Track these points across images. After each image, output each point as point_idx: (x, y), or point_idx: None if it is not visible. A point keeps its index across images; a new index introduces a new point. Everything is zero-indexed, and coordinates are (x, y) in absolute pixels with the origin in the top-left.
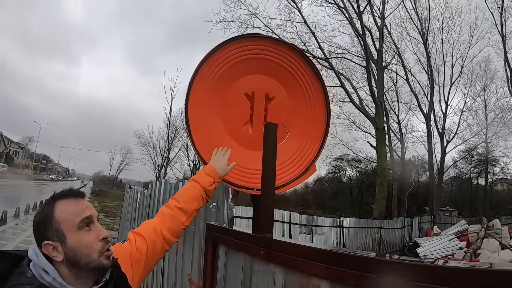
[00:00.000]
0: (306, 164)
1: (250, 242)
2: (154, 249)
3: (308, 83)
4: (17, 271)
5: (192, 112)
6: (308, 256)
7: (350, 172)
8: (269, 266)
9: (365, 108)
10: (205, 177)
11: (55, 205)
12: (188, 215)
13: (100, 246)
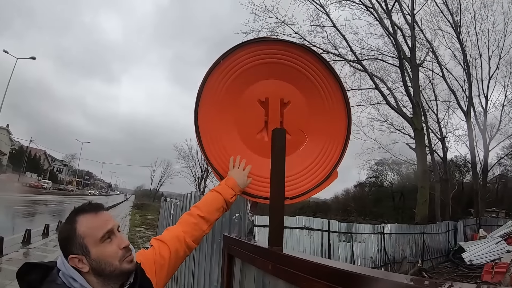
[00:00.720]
0: (327, 170)
1: (259, 255)
2: (176, 255)
3: (324, 83)
4: (48, 279)
5: (202, 124)
6: (310, 272)
7: (391, 176)
8: (277, 281)
9: (402, 109)
10: (227, 189)
11: (77, 220)
12: (210, 224)
13: (121, 255)
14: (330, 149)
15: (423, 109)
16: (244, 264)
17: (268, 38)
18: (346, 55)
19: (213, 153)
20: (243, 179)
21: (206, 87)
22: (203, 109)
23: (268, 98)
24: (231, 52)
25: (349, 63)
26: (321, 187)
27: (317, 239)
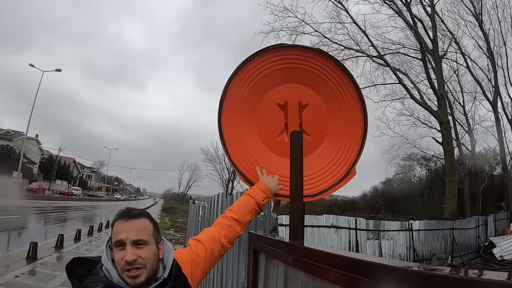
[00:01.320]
0: (346, 168)
1: (281, 249)
2: (211, 254)
3: (340, 85)
4: (92, 272)
5: (226, 129)
6: (326, 262)
7: (419, 172)
8: (298, 272)
9: (427, 103)
10: (259, 192)
11: (115, 220)
12: (243, 226)
13: (121, 265)
14: (348, 148)
15: (448, 102)
16: (268, 259)
17: (285, 44)
18: (367, 50)
19: (237, 156)
20: (274, 184)
21: (228, 94)
22: (226, 114)
23: (287, 102)
24: (250, 59)
25: (371, 58)
26: (340, 184)
27: (345, 237)
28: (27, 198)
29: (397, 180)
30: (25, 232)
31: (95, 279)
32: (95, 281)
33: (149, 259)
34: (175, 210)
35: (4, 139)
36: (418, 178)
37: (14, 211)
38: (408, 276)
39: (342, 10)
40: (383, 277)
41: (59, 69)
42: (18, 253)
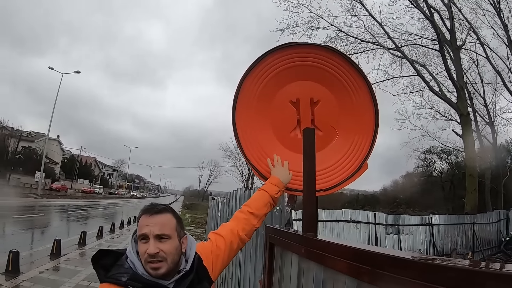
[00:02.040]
0: (358, 162)
1: (294, 241)
2: (231, 247)
3: (350, 80)
4: (118, 264)
5: (240, 126)
6: (334, 252)
7: (440, 165)
8: (310, 263)
9: (446, 94)
10: (272, 187)
11: (140, 215)
12: (259, 219)
13: (145, 258)
14: (360, 143)
15: (468, 93)
16: (283, 251)
17: (295, 43)
18: (384, 42)
19: (251, 151)
20: (285, 175)
21: (242, 92)
22: (240, 112)
23: (299, 99)
24: (262, 58)
25: (388, 50)
26: (352, 178)
27: (364, 232)
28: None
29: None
30: (49, 230)
31: (121, 270)
32: (121, 272)
33: (171, 253)
34: (196, 207)
35: (26, 140)
36: (439, 171)
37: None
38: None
39: (357, 3)
40: (383, 266)
41: (78, 71)
42: (42, 250)
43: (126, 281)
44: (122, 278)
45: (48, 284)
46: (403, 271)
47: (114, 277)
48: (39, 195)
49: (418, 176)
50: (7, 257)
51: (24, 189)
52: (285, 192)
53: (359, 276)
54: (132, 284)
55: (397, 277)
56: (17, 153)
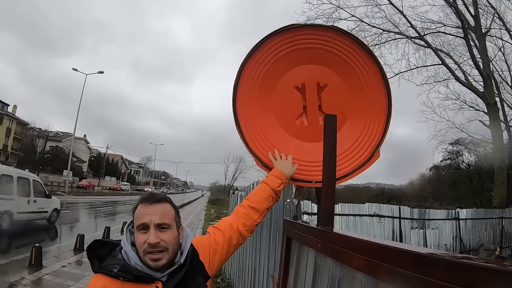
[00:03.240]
0: (370, 150)
1: (311, 234)
2: (230, 242)
3: (359, 62)
4: (112, 254)
5: (241, 113)
6: (349, 247)
7: (468, 158)
8: (326, 259)
9: (472, 83)
10: (274, 179)
11: (137, 205)
12: (260, 213)
13: (144, 248)
14: (372, 129)
15: (495, 82)
16: (300, 246)
17: (298, 24)
18: (406, 32)
19: (254, 141)
20: (288, 167)
21: (242, 78)
22: (241, 100)
23: (305, 83)
24: (262, 42)
25: (411, 40)
26: (364, 167)
27: (388, 227)
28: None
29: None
30: (75, 226)
31: (114, 261)
32: (113, 263)
33: (171, 243)
34: (221, 202)
35: (54, 140)
36: (467, 164)
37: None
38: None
39: None
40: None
41: (101, 71)
42: (67, 245)
43: (117, 272)
44: (113, 269)
45: (69, 277)
46: (427, 271)
47: (107, 268)
48: (67, 193)
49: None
50: (30, 252)
51: (52, 187)
52: (291, 183)
53: (377, 274)
54: (122, 275)
55: (421, 277)
56: (45, 152)
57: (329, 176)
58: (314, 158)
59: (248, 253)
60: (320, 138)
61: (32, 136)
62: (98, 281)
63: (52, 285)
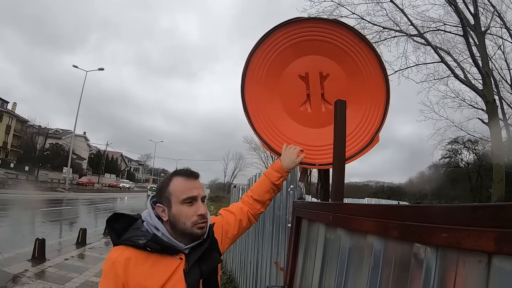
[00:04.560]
0: (370, 135)
1: (322, 210)
2: (240, 224)
3: (359, 53)
4: (132, 227)
5: (249, 100)
6: (359, 212)
7: (466, 156)
8: (336, 231)
9: (471, 81)
10: (273, 173)
11: (172, 179)
12: (262, 204)
13: (194, 220)
14: (372, 115)
15: (494, 80)
16: (310, 223)
17: (301, 18)
18: (407, 30)
19: (261, 126)
20: (290, 159)
21: (250, 67)
22: (249, 87)
23: (308, 73)
24: (270, 33)
25: (411, 37)
26: (364, 151)
27: None
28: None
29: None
30: (76, 222)
31: (138, 233)
32: (138, 235)
33: (208, 214)
34: (221, 199)
35: (53, 137)
36: (465, 162)
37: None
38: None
39: None
40: (413, 217)
41: (101, 68)
42: (69, 239)
43: (147, 242)
44: (139, 241)
45: (72, 270)
46: (429, 219)
47: (131, 239)
48: (67, 189)
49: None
50: (34, 245)
51: (52, 184)
52: (299, 166)
53: (388, 231)
54: (152, 245)
55: (426, 225)
56: (44, 150)
57: (340, 154)
58: (318, 143)
59: (250, 244)
60: (322, 124)
61: (32, 133)
62: (121, 253)
63: (55, 277)
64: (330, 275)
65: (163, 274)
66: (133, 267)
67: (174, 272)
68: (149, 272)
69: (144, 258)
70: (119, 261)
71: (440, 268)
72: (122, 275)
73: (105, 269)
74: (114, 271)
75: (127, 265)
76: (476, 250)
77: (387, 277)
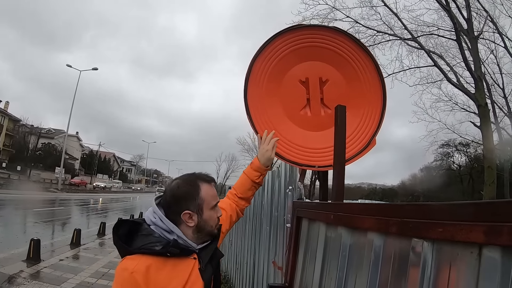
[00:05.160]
0: (367, 139)
1: (323, 209)
2: (231, 219)
3: (357, 59)
4: (142, 234)
5: (251, 104)
6: (361, 212)
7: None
8: (337, 229)
9: (464, 85)
10: (253, 172)
11: (199, 185)
12: (246, 200)
13: (217, 222)
14: (369, 120)
15: (487, 84)
16: (310, 223)
17: (302, 25)
18: (401, 34)
19: (263, 129)
20: (266, 158)
21: (252, 72)
22: (251, 91)
23: (308, 78)
24: (271, 40)
25: (404, 41)
26: (361, 154)
27: None
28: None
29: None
30: (69, 222)
31: (152, 239)
32: (153, 241)
33: None
34: None
35: (46, 137)
36: (457, 165)
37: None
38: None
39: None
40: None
41: (95, 68)
42: (63, 240)
43: (168, 248)
44: (155, 247)
45: (68, 270)
46: (426, 216)
47: (147, 247)
48: (59, 190)
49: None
50: (29, 245)
51: (45, 184)
52: (293, 166)
53: (388, 228)
54: (173, 250)
55: (423, 221)
56: (37, 149)
57: (340, 158)
58: (317, 145)
59: (246, 245)
60: (322, 128)
61: (24, 133)
62: (138, 262)
63: (51, 278)
64: (331, 271)
65: (182, 275)
66: (154, 274)
67: (191, 271)
68: (170, 276)
69: (162, 263)
70: (139, 270)
71: (436, 260)
72: (143, 284)
73: (120, 280)
74: (134, 281)
75: (148, 273)
76: (468, 242)
77: (387, 270)
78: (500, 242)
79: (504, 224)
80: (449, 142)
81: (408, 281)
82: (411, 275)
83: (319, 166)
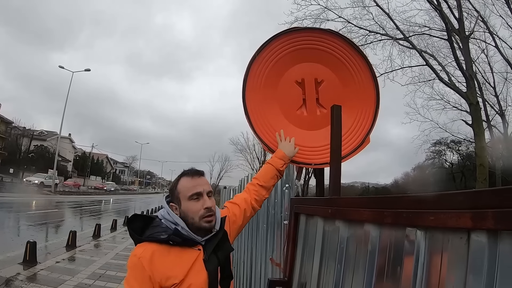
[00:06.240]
0: (361, 137)
1: (321, 204)
2: (245, 215)
3: (352, 61)
4: (152, 225)
5: (249, 104)
6: (359, 205)
7: (450, 157)
8: (335, 223)
9: (455, 84)
10: (278, 161)
11: (180, 179)
12: (267, 189)
13: (201, 213)
14: (363, 119)
15: (478, 83)
16: (308, 218)
17: (298, 27)
18: (393, 34)
19: (260, 128)
20: (290, 149)
21: (250, 74)
22: (249, 92)
23: (304, 79)
24: (268, 43)
25: (396, 41)
26: (355, 152)
27: None
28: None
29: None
30: (63, 224)
31: (158, 229)
32: (159, 231)
33: (215, 207)
34: None
35: (38, 139)
36: (450, 163)
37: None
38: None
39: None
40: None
41: (88, 69)
42: (58, 242)
43: (169, 236)
44: (160, 236)
45: (64, 272)
46: (419, 206)
47: (153, 236)
48: (53, 192)
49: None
50: (25, 248)
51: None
52: (292, 164)
53: (383, 219)
54: (174, 238)
55: (416, 211)
56: (29, 152)
57: (336, 156)
58: (313, 144)
59: (243, 244)
60: (317, 127)
61: (17, 135)
62: (145, 249)
63: (48, 280)
64: (329, 263)
65: (185, 263)
66: (158, 260)
67: (195, 261)
68: (173, 263)
69: (166, 251)
70: (145, 256)
71: (429, 247)
72: (148, 268)
73: (131, 265)
74: (141, 266)
75: (152, 259)
76: (457, 228)
77: (383, 259)
78: (486, 226)
79: (488, 210)
80: (441, 140)
81: (403, 268)
82: (406, 262)
83: (315, 164)
